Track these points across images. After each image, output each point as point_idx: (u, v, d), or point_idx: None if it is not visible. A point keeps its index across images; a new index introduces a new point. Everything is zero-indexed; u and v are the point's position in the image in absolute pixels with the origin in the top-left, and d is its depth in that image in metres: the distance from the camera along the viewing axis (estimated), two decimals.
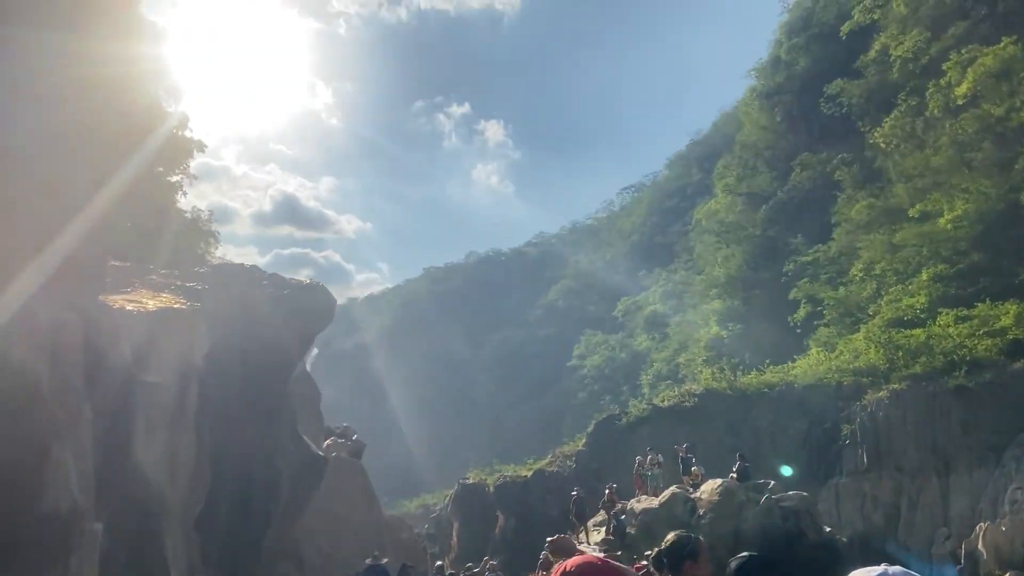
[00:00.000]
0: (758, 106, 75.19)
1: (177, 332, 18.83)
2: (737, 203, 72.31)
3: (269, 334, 20.62)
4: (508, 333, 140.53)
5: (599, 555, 5.20)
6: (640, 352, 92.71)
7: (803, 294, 55.08)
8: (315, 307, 22.69)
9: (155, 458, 17.49)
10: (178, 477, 18.73)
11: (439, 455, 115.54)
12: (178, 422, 18.66)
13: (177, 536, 17.91)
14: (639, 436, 44.01)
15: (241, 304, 20.57)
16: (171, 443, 18.22)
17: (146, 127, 44.12)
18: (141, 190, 40.60)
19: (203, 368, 19.52)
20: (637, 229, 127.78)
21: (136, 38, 40.77)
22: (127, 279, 20.09)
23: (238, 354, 20.17)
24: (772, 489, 26.49)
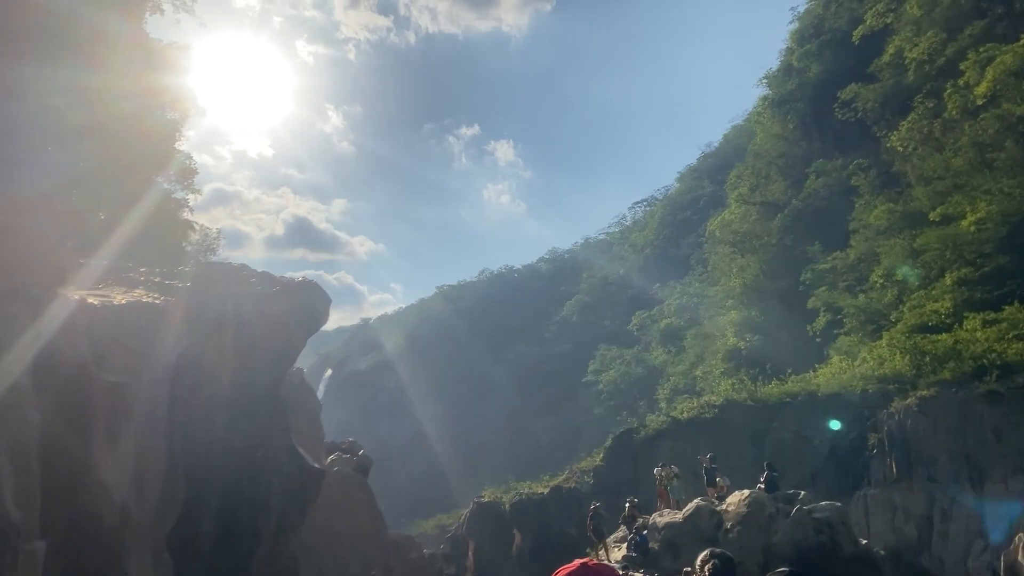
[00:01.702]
0: (770, 114, 74.42)
1: (146, 329, 17.43)
2: (751, 212, 71.38)
3: (257, 335, 19.34)
4: (523, 350, 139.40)
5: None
6: (656, 366, 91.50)
7: (822, 302, 54.09)
8: (307, 306, 21.42)
9: (117, 468, 15.88)
10: (146, 490, 17.14)
11: (455, 474, 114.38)
12: (146, 428, 17.13)
13: (144, 557, 16.18)
14: (658, 449, 43.03)
15: (226, 302, 19.31)
16: (138, 451, 16.62)
17: (162, 154, 44.00)
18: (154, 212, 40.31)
19: (176, 369, 18.12)
20: (650, 242, 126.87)
21: (152, 71, 40.63)
22: (100, 276, 19.05)
23: (221, 356, 18.79)
24: (803, 499, 25.30)
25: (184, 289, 19.27)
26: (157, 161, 42.92)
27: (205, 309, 18.89)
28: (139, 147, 39.46)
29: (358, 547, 27.95)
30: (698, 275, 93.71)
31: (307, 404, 28.93)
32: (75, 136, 32.79)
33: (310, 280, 21.62)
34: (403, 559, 31.86)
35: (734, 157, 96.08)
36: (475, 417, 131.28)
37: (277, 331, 19.94)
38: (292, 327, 20.66)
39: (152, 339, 17.35)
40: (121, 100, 36.76)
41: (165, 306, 17.99)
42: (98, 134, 34.94)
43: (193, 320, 18.57)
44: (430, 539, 79.65)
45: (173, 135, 45.95)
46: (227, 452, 18.33)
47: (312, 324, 21.81)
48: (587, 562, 4.48)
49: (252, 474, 19.09)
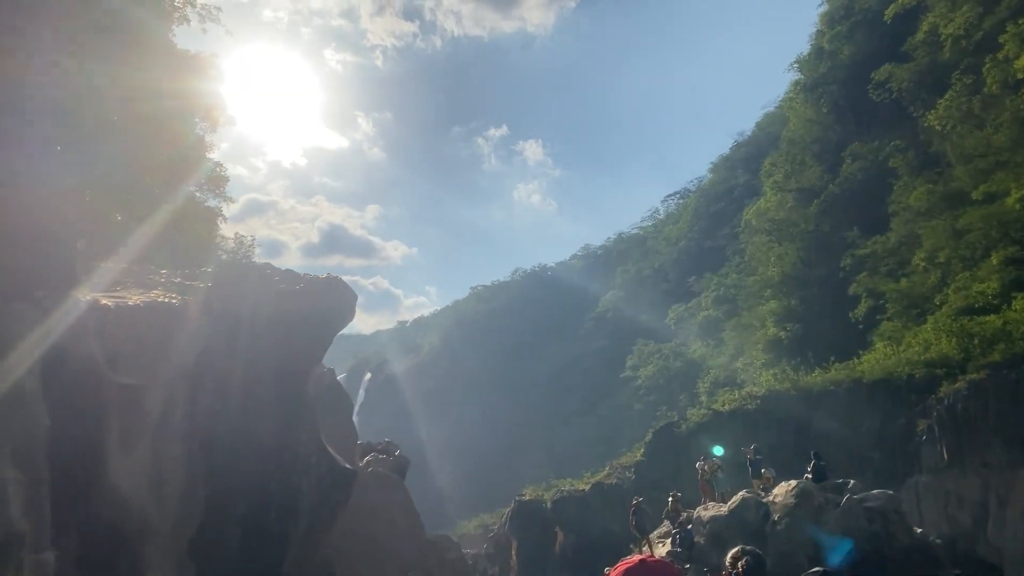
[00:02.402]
0: (803, 99, 73.14)
1: (161, 329, 16.85)
2: (787, 200, 70.14)
3: (281, 333, 18.85)
4: (559, 348, 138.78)
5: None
6: (695, 360, 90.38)
7: (863, 288, 52.94)
8: (333, 303, 20.90)
9: (134, 473, 15.31)
10: (164, 496, 16.48)
11: (495, 473, 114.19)
12: (163, 431, 16.51)
13: (165, 565, 15.68)
14: (700, 443, 42.29)
15: (247, 301, 18.81)
16: (155, 456, 16.01)
17: (191, 160, 44.21)
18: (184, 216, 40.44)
19: (195, 369, 17.52)
20: (685, 235, 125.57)
21: (180, 77, 40.82)
22: (118, 278, 18.69)
23: (242, 355, 18.27)
24: (852, 488, 24.47)
25: (203, 289, 18.87)
26: (185, 167, 43.08)
27: (225, 308, 18.45)
28: (166, 151, 39.61)
29: (395, 549, 27.53)
30: (735, 266, 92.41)
31: (339, 404, 28.56)
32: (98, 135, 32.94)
33: (334, 276, 21.22)
34: (441, 560, 31.43)
35: (768, 145, 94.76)
36: (513, 416, 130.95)
37: (302, 329, 19.48)
38: (317, 324, 20.20)
39: (168, 340, 16.82)
40: (147, 101, 36.90)
41: (182, 306, 17.52)
42: (123, 135, 35.08)
43: (212, 320, 18.10)
44: (473, 539, 79.49)
45: (203, 142, 46.16)
46: (252, 454, 17.86)
47: (338, 321, 21.35)
48: (645, 558, 4.37)
49: (280, 476, 18.62)
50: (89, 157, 32.50)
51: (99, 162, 33.47)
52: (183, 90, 41.37)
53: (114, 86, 33.71)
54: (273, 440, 18.34)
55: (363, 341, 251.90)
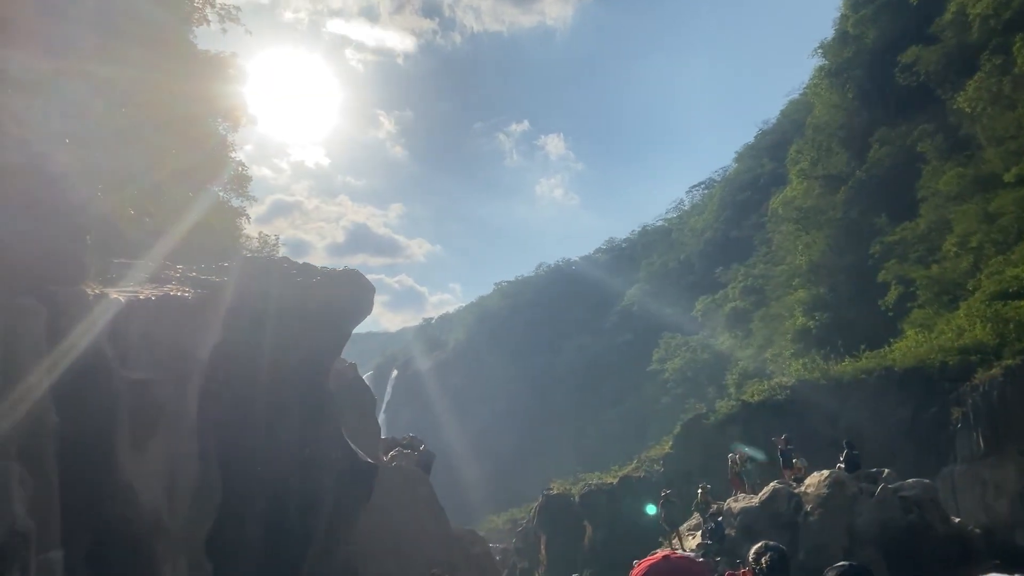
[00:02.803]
0: (828, 85, 72.10)
1: (174, 324, 16.48)
2: (814, 187, 69.23)
3: (299, 327, 18.59)
4: (584, 342, 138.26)
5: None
6: (723, 351, 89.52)
7: (893, 275, 52.07)
8: (351, 295, 20.65)
9: (146, 470, 14.90)
10: (178, 493, 16.07)
11: (523, 467, 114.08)
12: (177, 427, 16.12)
13: (179, 563, 15.40)
14: (729, 435, 41.79)
15: (264, 295, 18.58)
16: (168, 452, 15.62)
17: (215, 162, 44.36)
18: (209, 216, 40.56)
19: (210, 364, 17.15)
20: (710, 226, 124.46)
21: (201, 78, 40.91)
22: (133, 274, 18.43)
23: (259, 349, 17.97)
24: (887, 478, 23.92)
25: (218, 283, 18.67)
26: (210, 168, 43.23)
27: (241, 302, 18.23)
28: (191, 153, 39.74)
29: (420, 544, 27.31)
30: (762, 256, 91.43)
31: (361, 399, 28.40)
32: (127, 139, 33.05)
33: (352, 269, 21.06)
34: (467, 555, 31.16)
35: (793, 132, 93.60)
36: (540, 411, 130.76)
37: (320, 322, 19.25)
38: (336, 317, 19.96)
39: (181, 334, 16.57)
40: (172, 104, 37.03)
41: (196, 300, 17.26)
42: (149, 138, 35.20)
43: (227, 314, 17.90)
44: (502, 534, 79.41)
45: (225, 142, 46.28)
46: (271, 450, 17.64)
47: (357, 313, 21.12)
48: (669, 554, 4.30)
49: (300, 473, 18.40)
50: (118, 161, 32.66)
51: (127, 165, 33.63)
52: (205, 91, 41.52)
53: (141, 90, 33.88)
54: (293, 436, 18.09)
55: (389, 339, 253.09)
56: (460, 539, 32.19)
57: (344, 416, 20.68)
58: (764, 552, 5.35)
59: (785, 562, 5.30)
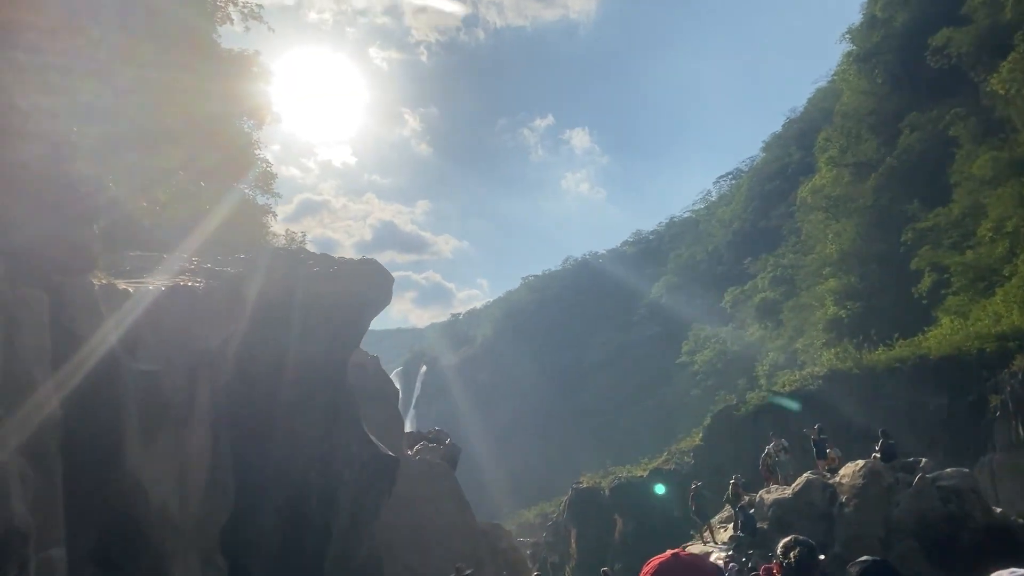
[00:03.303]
0: (856, 70, 71.00)
1: (184, 314, 16.01)
2: (843, 175, 68.14)
3: (316, 317, 18.26)
4: (612, 335, 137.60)
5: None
6: (753, 343, 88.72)
7: (926, 263, 51.15)
8: (369, 285, 20.30)
9: (154, 463, 14.43)
10: (189, 487, 15.57)
11: (553, 461, 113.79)
12: (186, 420, 15.59)
13: (191, 559, 15.05)
14: (760, 426, 41.26)
15: (278, 285, 18.27)
16: (178, 445, 15.15)
17: (243, 161, 44.48)
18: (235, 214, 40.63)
19: (219, 356, 16.71)
20: (738, 216, 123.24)
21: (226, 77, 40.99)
22: (146, 266, 18.23)
23: (274, 340, 17.57)
24: (924, 467, 23.31)
25: (231, 274, 18.37)
26: (237, 167, 43.33)
27: (254, 293, 17.90)
28: (219, 151, 39.81)
29: (444, 538, 27.05)
30: (791, 245, 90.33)
31: (383, 392, 28.17)
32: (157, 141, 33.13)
33: (369, 258, 20.74)
34: (493, 550, 30.83)
35: (821, 120, 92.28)
36: (568, 405, 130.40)
37: (337, 312, 18.91)
38: (353, 308, 19.62)
39: (192, 326, 16.19)
40: (200, 105, 37.11)
41: (206, 290, 16.89)
42: (179, 139, 35.27)
43: (240, 305, 17.59)
44: (532, 528, 79.28)
45: (252, 141, 46.35)
46: (289, 444, 17.31)
47: (375, 302, 20.78)
48: (678, 552, 4.27)
49: (320, 466, 18.08)
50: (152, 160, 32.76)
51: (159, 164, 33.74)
52: (230, 90, 41.58)
53: (169, 91, 33.95)
54: (311, 429, 17.77)
55: (418, 335, 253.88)
56: (486, 533, 31.90)
57: (366, 409, 20.40)
58: (793, 546, 5.26)
59: (815, 557, 5.22)
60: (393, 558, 23.24)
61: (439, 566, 24.84)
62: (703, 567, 4.26)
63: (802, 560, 5.15)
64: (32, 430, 12.15)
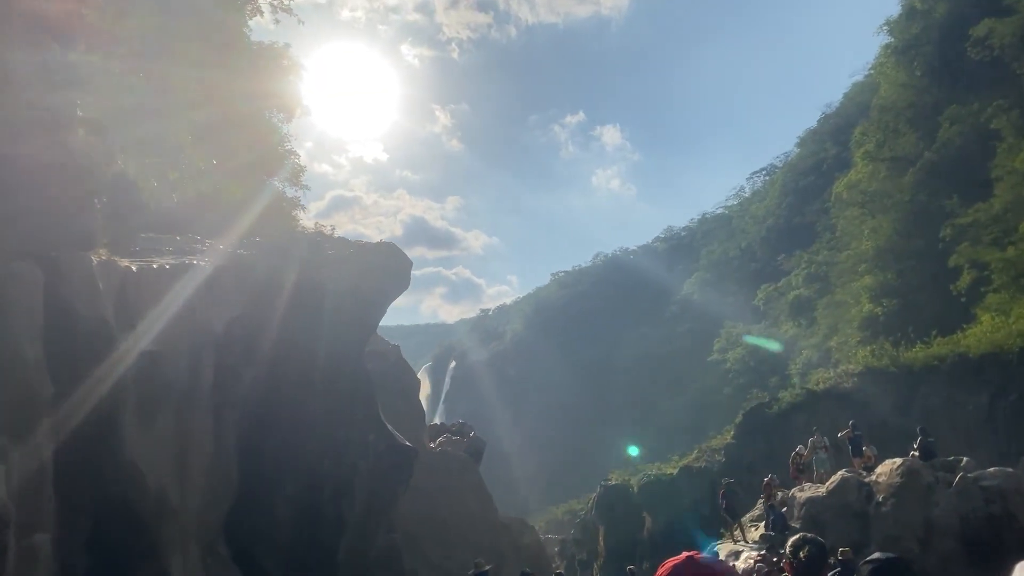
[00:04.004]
0: (895, 63, 69.58)
1: (187, 294, 15.33)
2: (880, 170, 66.78)
3: (330, 301, 17.82)
4: (643, 332, 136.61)
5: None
6: (787, 340, 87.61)
7: (965, 259, 49.92)
8: (385, 270, 19.80)
9: (153, 447, 13.77)
10: (189, 472, 14.83)
11: (581, 460, 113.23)
12: (188, 402, 14.91)
13: (190, 547, 14.45)
14: (793, 424, 40.53)
15: (294, 267, 17.83)
16: (178, 429, 14.51)
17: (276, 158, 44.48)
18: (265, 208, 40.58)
19: (224, 337, 16.05)
20: (772, 212, 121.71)
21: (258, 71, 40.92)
22: (157, 247, 17.49)
23: (284, 323, 16.97)
24: (966, 466, 22.51)
25: (242, 256, 17.92)
26: (269, 164, 43.30)
27: (266, 275, 17.42)
28: (253, 151, 39.77)
29: (466, 532, 26.61)
30: (826, 242, 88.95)
31: (403, 382, 27.77)
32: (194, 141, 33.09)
33: (388, 242, 20.33)
34: (516, 544, 30.33)
35: (857, 115, 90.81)
36: (597, 402, 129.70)
37: (354, 296, 18.41)
38: (370, 291, 19.13)
39: (196, 305, 15.57)
40: (234, 103, 37.02)
41: (215, 271, 16.44)
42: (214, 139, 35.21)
43: (250, 286, 17.04)
44: (561, 525, 78.91)
45: (283, 136, 46.28)
46: (300, 431, 16.82)
47: (392, 287, 20.28)
48: (692, 555, 4.19)
49: (334, 455, 17.58)
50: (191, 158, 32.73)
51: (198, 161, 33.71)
52: (260, 83, 41.47)
53: (205, 90, 33.89)
54: (325, 416, 17.30)
55: (447, 330, 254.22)
56: (508, 528, 31.42)
57: (386, 399, 19.98)
58: (802, 545, 5.29)
59: (824, 556, 5.27)
60: (413, 551, 22.84)
61: (460, 560, 24.34)
62: (717, 571, 4.06)
63: (812, 558, 5.17)
64: (17, 408, 11.62)
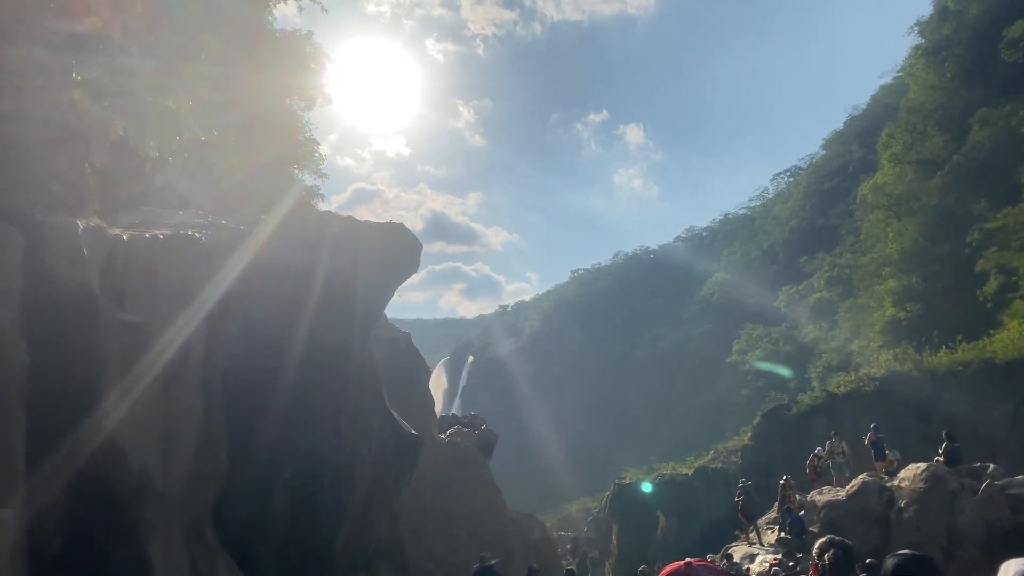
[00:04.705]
0: (925, 64, 68.58)
1: (180, 265, 14.62)
2: (907, 172, 65.83)
3: (334, 281, 17.22)
4: (661, 331, 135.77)
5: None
6: (807, 344, 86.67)
7: (992, 264, 49.08)
8: (393, 250, 19.21)
9: (136, 424, 12.95)
10: (174, 452, 13.95)
11: (595, 458, 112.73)
12: (176, 378, 14.12)
13: (173, 531, 13.65)
14: (812, 427, 39.88)
15: (300, 246, 17.26)
16: (164, 406, 13.71)
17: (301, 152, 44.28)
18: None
19: (218, 312, 15.21)
20: (795, 214, 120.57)
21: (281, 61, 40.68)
22: (157, 220, 16.78)
23: (286, 301, 16.36)
24: (993, 473, 21.83)
25: (242, 230, 17.32)
26: (294, 158, 43.18)
27: (268, 250, 16.80)
28: (277, 146, 39.60)
29: (473, 526, 26.11)
30: (849, 245, 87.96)
31: (413, 370, 27.31)
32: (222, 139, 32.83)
33: (398, 223, 19.84)
34: (525, 540, 29.77)
35: (885, 117, 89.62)
36: (615, 400, 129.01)
37: (359, 277, 17.86)
38: (378, 272, 18.58)
39: (189, 278, 14.85)
40: (261, 99, 36.83)
41: (209, 242, 15.66)
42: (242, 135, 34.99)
43: (250, 261, 16.40)
44: (575, 522, 78.48)
45: (302, 123, 46.08)
46: (299, 415, 16.22)
47: (402, 268, 19.73)
48: (691, 562, 4.25)
49: (334, 440, 16.99)
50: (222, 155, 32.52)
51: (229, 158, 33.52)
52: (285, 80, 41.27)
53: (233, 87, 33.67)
54: (326, 401, 16.71)
55: (466, 325, 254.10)
56: (517, 522, 30.89)
57: (394, 387, 19.51)
58: (828, 548, 5.24)
59: (850, 560, 5.21)
60: (417, 544, 22.43)
61: (465, 554, 23.84)
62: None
63: (837, 562, 5.11)
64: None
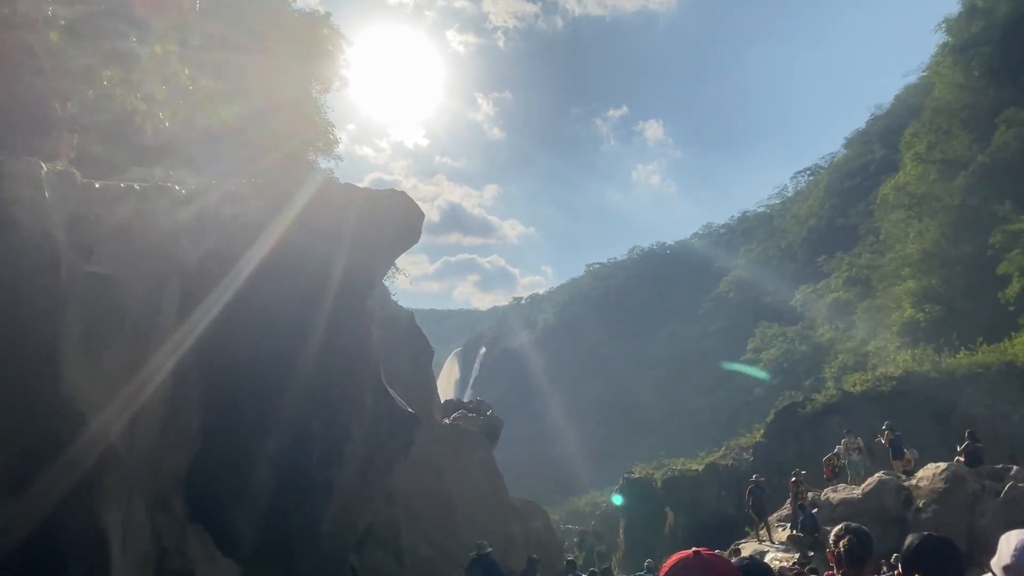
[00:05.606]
0: (952, 62, 67.49)
1: (156, 218, 13.69)
2: (930, 172, 64.89)
3: (326, 246, 16.42)
4: (676, 328, 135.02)
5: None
6: (822, 344, 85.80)
7: (1015, 267, 48.36)
8: (393, 218, 18.59)
9: (96, 385, 12.09)
10: (140, 417, 13.01)
11: (606, 452, 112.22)
12: (145, 339, 13.16)
13: (135, 501, 12.90)
14: (827, 425, 39.30)
15: (293, 207, 16.67)
16: (130, 366, 12.75)
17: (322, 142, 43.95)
18: None
19: (200, 271, 14.37)
20: (814, 213, 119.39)
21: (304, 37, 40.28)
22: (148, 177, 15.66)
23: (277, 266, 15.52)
24: (1016, 475, 21.21)
25: (231, 190, 16.55)
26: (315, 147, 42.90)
27: (257, 208, 16.15)
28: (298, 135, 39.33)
29: (473, 512, 25.56)
30: (868, 245, 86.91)
31: (415, 348, 26.81)
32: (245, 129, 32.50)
33: (400, 191, 19.30)
34: (526, 528, 29.19)
35: (908, 117, 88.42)
36: (628, 396, 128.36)
37: (357, 242, 17.13)
38: (375, 240, 17.87)
39: (166, 231, 13.96)
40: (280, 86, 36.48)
41: (190, 195, 14.93)
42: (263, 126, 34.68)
43: (235, 218, 15.70)
44: (583, 516, 78.12)
45: (320, 106, 45.74)
46: (284, 385, 15.50)
47: (402, 237, 19.07)
48: (701, 551, 3.84)
49: (324, 414, 16.32)
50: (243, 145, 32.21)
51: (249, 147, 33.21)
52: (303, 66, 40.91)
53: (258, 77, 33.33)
54: (316, 374, 16.00)
55: (479, 317, 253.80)
56: (519, 511, 30.31)
57: (393, 364, 18.99)
58: (843, 535, 5.14)
59: (868, 546, 5.09)
60: (414, 527, 21.97)
61: (464, 540, 23.16)
62: (724, 568, 3.66)
63: (853, 549, 5.02)
64: None
